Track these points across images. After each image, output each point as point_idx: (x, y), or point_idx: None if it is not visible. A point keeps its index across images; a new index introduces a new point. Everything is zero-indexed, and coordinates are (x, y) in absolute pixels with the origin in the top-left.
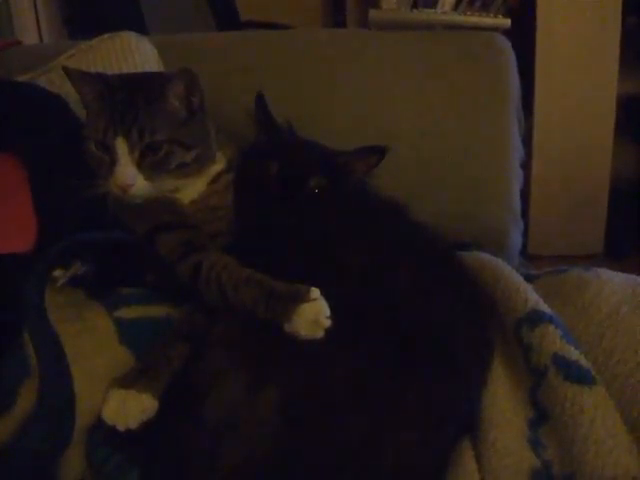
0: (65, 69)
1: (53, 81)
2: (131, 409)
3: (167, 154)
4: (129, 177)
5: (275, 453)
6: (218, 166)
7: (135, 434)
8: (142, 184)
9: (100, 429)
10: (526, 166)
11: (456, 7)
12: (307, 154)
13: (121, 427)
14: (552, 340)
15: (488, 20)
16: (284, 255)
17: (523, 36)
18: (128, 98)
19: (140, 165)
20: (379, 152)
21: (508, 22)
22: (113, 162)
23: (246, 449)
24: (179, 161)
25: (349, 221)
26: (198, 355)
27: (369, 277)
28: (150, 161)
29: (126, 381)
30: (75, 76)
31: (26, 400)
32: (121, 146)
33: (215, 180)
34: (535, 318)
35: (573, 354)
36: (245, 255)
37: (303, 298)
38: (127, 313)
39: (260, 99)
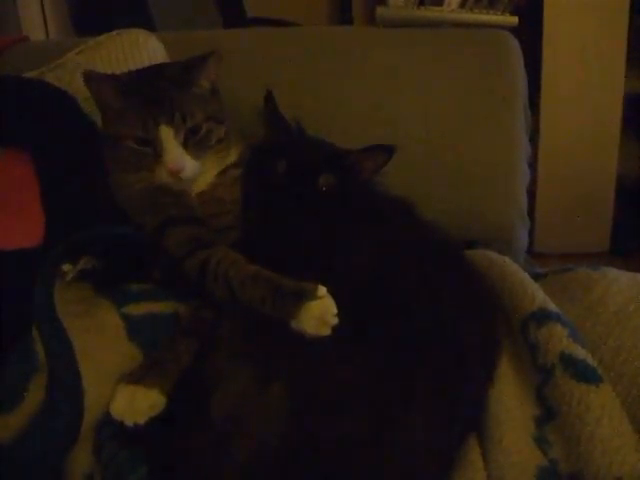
0: (86, 74)
1: (61, 77)
2: (139, 405)
3: (207, 132)
4: (180, 160)
5: (282, 450)
6: (231, 158)
7: (144, 430)
8: (192, 165)
9: (108, 425)
10: (532, 164)
11: (463, 5)
12: (315, 153)
13: (129, 423)
14: (559, 339)
15: (495, 18)
16: (291, 253)
17: (530, 34)
18: (158, 88)
19: (187, 147)
20: (387, 151)
21: (515, 20)
22: (158, 152)
23: (253, 445)
24: (217, 137)
25: (356, 219)
26: (205, 351)
27: (376, 275)
28: (194, 142)
29: (134, 377)
30: (95, 79)
31: (35, 396)
32: (166, 133)
33: (224, 172)
34: (542, 316)
35: (580, 353)
36: (253, 252)
37: (310, 295)
38: (135, 309)
39: (269, 97)
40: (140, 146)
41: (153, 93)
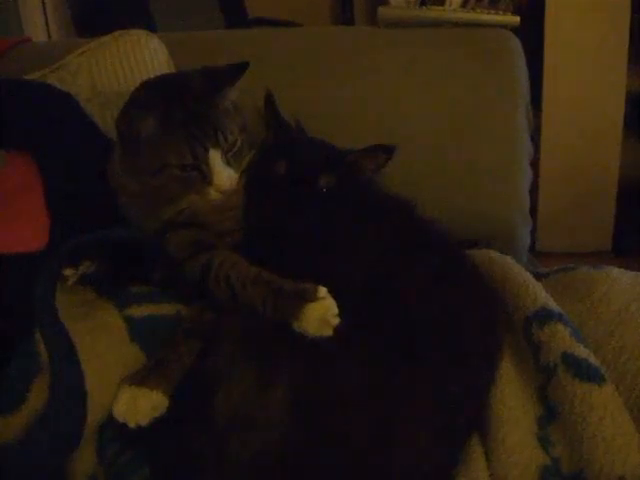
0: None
1: (64, 79)
2: (142, 406)
3: (241, 144)
4: (230, 180)
5: (284, 451)
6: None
7: (146, 431)
8: (235, 179)
9: (111, 426)
10: (534, 163)
11: (464, 4)
12: (316, 153)
13: (132, 424)
14: (561, 338)
15: (497, 17)
16: (292, 254)
17: (532, 33)
18: (193, 109)
19: (228, 163)
20: (387, 151)
21: (517, 20)
22: (205, 175)
23: (256, 447)
24: (248, 147)
25: (357, 219)
26: (207, 353)
27: (378, 276)
28: (232, 156)
29: (137, 378)
30: (138, 116)
31: (37, 397)
32: (214, 157)
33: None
34: (544, 316)
35: (582, 352)
36: (254, 254)
37: (311, 297)
38: (137, 311)
39: (269, 98)
40: (186, 173)
41: (191, 116)
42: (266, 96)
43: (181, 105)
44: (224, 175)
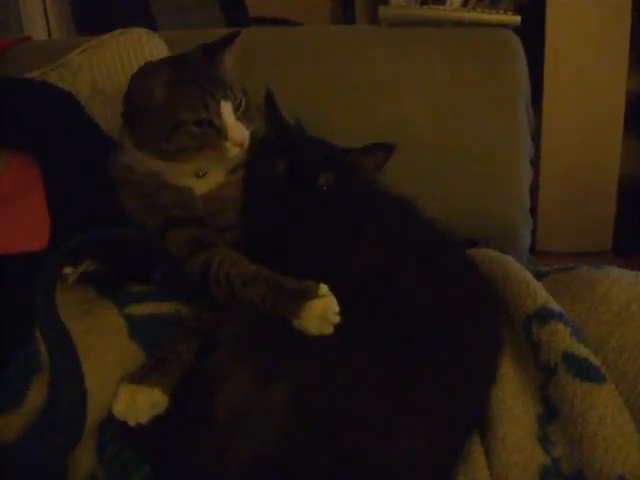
0: (140, 73)
1: (64, 77)
2: (141, 404)
3: (245, 106)
4: (244, 131)
5: (285, 450)
6: (242, 156)
7: (146, 430)
8: (247, 135)
9: (111, 424)
10: (534, 163)
11: (465, 3)
12: (315, 152)
13: (131, 422)
14: (562, 337)
15: (498, 17)
16: (292, 252)
17: (532, 32)
18: (200, 69)
19: (241, 120)
20: (386, 150)
21: (518, 19)
22: (220, 129)
23: (256, 445)
24: (250, 111)
25: (358, 218)
26: (207, 352)
27: (379, 274)
28: (240, 114)
29: (137, 376)
30: (151, 76)
31: (37, 395)
32: (227, 110)
33: (234, 170)
34: (545, 315)
35: (583, 352)
36: (254, 252)
37: (312, 294)
38: (137, 310)
39: (269, 96)
40: (202, 128)
41: (199, 74)
42: (266, 94)
43: (188, 67)
44: (238, 128)
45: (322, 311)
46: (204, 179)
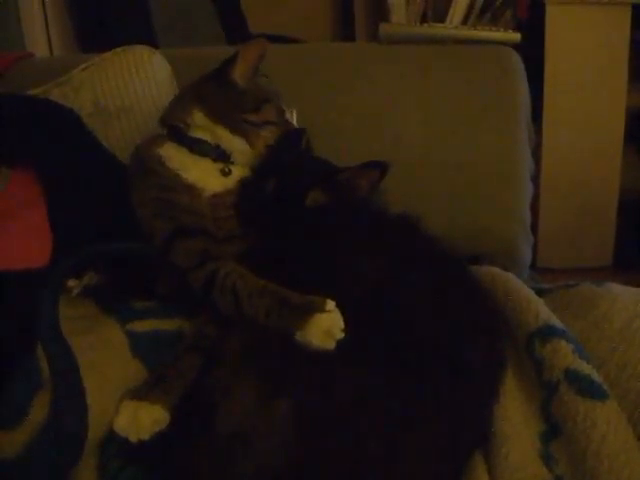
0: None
1: (66, 94)
2: (143, 420)
3: None
4: None
5: (288, 466)
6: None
7: (149, 446)
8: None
9: (113, 441)
10: (535, 179)
11: (465, 21)
12: (305, 171)
13: (133, 438)
14: (564, 355)
15: (498, 35)
16: (291, 272)
17: (532, 49)
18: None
19: None
20: (380, 168)
21: (518, 37)
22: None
23: (259, 462)
24: None
25: (361, 236)
26: (210, 367)
27: (382, 291)
28: None
29: (138, 393)
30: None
31: (39, 412)
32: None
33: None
34: (547, 332)
35: (585, 369)
36: (259, 268)
37: (319, 308)
38: (139, 326)
39: None
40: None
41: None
42: None
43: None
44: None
45: (328, 326)
46: (223, 178)
